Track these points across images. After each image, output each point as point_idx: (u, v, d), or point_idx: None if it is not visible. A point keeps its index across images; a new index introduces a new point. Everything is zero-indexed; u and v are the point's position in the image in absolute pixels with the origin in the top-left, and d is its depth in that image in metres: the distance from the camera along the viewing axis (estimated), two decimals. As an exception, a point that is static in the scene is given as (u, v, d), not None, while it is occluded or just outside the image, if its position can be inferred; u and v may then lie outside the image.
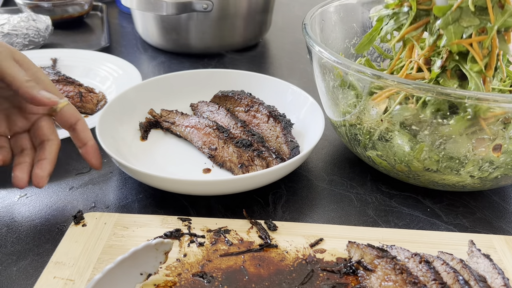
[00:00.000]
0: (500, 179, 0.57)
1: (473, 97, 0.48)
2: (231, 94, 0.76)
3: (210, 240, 0.52)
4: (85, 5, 1.22)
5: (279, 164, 0.60)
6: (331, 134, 0.76)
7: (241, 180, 0.56)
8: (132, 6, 0.97)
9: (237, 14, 1.01)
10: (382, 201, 0.62)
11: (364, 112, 0.59)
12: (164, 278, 0.47)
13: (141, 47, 1.11)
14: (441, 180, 0.58)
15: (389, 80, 0.52)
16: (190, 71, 0.81)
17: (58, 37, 1.14)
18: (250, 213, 0.58)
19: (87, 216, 0.55)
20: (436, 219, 0.59)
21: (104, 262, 0.49)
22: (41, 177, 0.54)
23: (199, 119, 0.70)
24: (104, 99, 0.81)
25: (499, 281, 0.43)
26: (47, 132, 0.56)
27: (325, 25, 0.73)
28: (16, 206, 0.60)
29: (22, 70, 0.53)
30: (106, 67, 0.91)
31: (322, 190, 0.64)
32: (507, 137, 0.53)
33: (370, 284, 0.46)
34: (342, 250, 0.52)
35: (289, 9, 1.43)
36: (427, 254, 0.48)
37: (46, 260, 0.50)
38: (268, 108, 0.71)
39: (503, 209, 0.61)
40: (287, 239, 0.53)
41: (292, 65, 1.04)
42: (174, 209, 0.59)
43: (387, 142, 0.58)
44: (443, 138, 0.54)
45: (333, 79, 0.62)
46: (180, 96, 0.80)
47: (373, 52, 0.78)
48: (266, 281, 0.47)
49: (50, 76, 0.82)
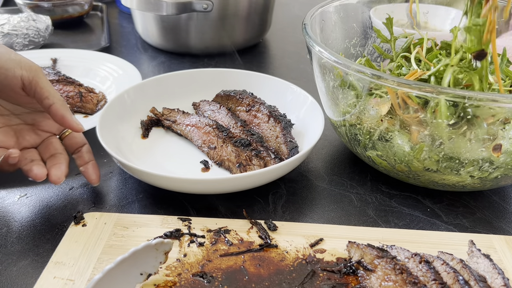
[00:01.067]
0: (500, 179, 0.57)
1: (473, 97, 0.48)
2: (233, 94, 0.76)
3: (210, 240, 0.52)
4: (85, 5, 1.22)
5: (277, 163, 0.60)
6: (331, 134, 0.76)
7: (239, 179, 0.56)
8: (132, 6, 0.97)
9: (237, 14, 1.01)
10: (382, 201, 0.62)
11: (364, 112, 0.59)
12: (164, 278, 0.47)
13: (141, 47, 1.11)
14: (441, 180, 0.58)
15: (389, 80, 0.52)
16: (190, 71, 0.81)
17: (58, 37, 1.14)
18: (250, 213, 0.58)
19: (87, 216, 0.55)
20: (436, 219, 0.59)
21: (104, 262, 0.49)
22: (58, 176, 0.56)
23: (200, 118, 0.71)
24: (104, 99, 0.81)
25: (499, 281, 0.43)
26: (58, 147, 0.60)
27: (325, 25, 0.73)
28: (16, 206, 0.60)
29: (56, 90, 0.57)
30: (106, 67, 0.91)
31: (322, 190, 0.64)
32: (507, 137, 0.53)
33: (370, 284, 0.46)
34: (342, 250, 0.52)
35: (289, 9, 1.43)
36: (427, 254, 0.48)
37: (46, 260, 0.50)
38: (269, 108, 0.71)
39: (503, 209, 0.61)
40: (287, 239, 0.53)
41: (292, 65, 1.04)
42: (174, 209, 0.59)
43: (387, 142, 0.58)
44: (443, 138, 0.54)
45: (333, 79, 0.62)
46: (181, 95, 0.80)
47: (373, 52, 0.78)
48: (266, 281, 0.47)
49: (50, 76, 0.82)
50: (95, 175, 0.60)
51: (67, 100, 0.78)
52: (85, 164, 0.60)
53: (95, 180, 0.60)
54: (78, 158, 0.61)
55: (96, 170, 0.60)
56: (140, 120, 0.74)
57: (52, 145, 0.60)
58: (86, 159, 0.60)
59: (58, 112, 0.56)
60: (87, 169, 0.60)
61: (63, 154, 0.59)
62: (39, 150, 0.60)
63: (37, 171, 0.55)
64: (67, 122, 0.56)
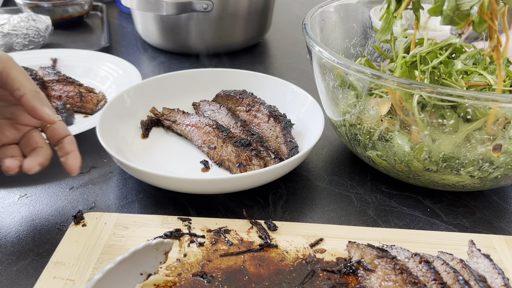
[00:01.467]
0: (500, 179, 0.57)
1: (472, 97, 0.48)
2: (232, 94, 0.76)
3: (210, 240, 0.52)
4: (85, 5, 1.22)
5: (277, 163, 0.60)
6: (331, 134, 0.76)
7: (239, 179, 0.56)
8: (132, 6, 0.97)
9: (237, 14, 1.01)
10: (382, 201, 0.62)
11: (364, 112, 0.59)
12: (164, 278, 0.47)
13: (141, 47, 1.11)
14: (441, 180, 0.58)
15: (389, 80, 0.52)
16: (190, 71, 0.81)
17: (58, 37, 1.14)
18: (250, 213, 0.58)
19: (87, 216, 0.55)
20: (436, 219, 0.59)
21: (104, 262, 0.49)
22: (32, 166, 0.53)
23: (200, 118, 0.71)
24: (104, 99, 0.81)
25: (499, 281, 0.43)
26: (40, 141, 0.56)
27: (325, 25, 0.73)
28: (16, 206, 0.60)
29: (30, 79, 0.54)
30: (106, 67, 0.91)
31: (322, 190, 0.64)
32: (507, 137, 0.53)
33: (370, 284, 0.46)
34: (342, 250, 0.52)
35: (289, 9, 1.43)
36: (427, 254, 0.48)
37: (46, 260, 0.50)
38: (269, 108, 0.71)
39: (503, 209, 0.61)
40: (287, 239, 0.53)
41: (292, 65, 1.04)
42: (174, 209, 0.59)
43: (387, 142, 0.58)
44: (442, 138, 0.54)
45: (333, 79, 0.62)
46: (181, 95, 0.80)
47: (373, 52, 0.78)
48: (266, 281, 0.47)
49: (50, 76, 0.82)
50: (75, 165, 0.55)
51: (67, 100, 0.78)
52: (66, 155, 0.56)
53: (74, 170, 0.55)
54: (60, 150, 0.56)
55: (76, 160, 0.56)
56: (140, 120, 0.74)
57: (33, 139, 0.56)
58: (67, 150, 0.56)
59: (28, 103, 0.52)
60: (67, 159, 0.55)
61: (45, 147, 0.56)
62: (21, 145, 0.57)
63: (9, 164, 0.53)
64: (38, 113, 0.52)
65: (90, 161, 0.68)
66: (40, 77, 0.82)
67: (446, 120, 0.53)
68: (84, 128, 0.70)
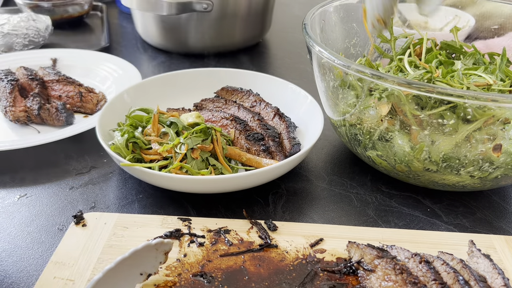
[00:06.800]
0: (500, 179, 0.57)
1: (472, 97, 0.48)
2: (239, 90, 0.77)
3: (210, 240, 0.52)
4: (85, 5, 1.22)
5: (281, 160, 0.60)
6: (331, 134, 0.76)
7: (239, 178, 0.56)
8: (132, 6, 0.97)
9: (237, 14, 1.01)
10: (382, 201, 0.62)
11: (364, 112, 0.59)
12: (164, 278, 0.47)
13: (141, 47, 1.11)
14: (441, 180, 0.58)
15: (389, 80, 0.52)
16: (190, 70, 0.81)
17: (58, 37, 1.14)
18: (250, 213, 0.58)
19: (87, 216, 0.55)
20: (436, 219, 0.59)
21: (104, 262, 0.49)
22: None
23: (212, 112, 0.71)
24: (104, 99, 0.81)
25: (499, 281, 0.43)
26: None
27: (325, 25, 0.73)
28: (16, 206, 0.60)
29: None
30: (106, 67, 0.91)
31: (322, 190, 0.64)
32: (507, 137, 0.52)
33: (370, 284, 0.46)
34: (342, 250, 0.52)
35: (289, 9, 1.43)
36: (427, 254, 0.48)
37: (46, 260, 0.50)
38: (273, 109, 0.72)
39: (503, 209, 0.61)
40: (287, 239, 0.53)
41: (292, 65, 1.04)
42: (174, 209, 0.59)
43: (387, 142, 0.58)
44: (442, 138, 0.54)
45: (333, 79, 0.62)
46: (181, 95, 0.80)
47: (373, 52, 0.78)
48: (266, 281, 0.47)
49: (50, 76, 0.82)
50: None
51: (67, 100, 0.78)
52: None
53: None
54: None
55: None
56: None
57: None
58: None
59: None
60: None
61: None
62: None
63: None
64: None
65: (90, 161, 0.68)
66: (40, 77, 0.82)
67: (446, 120, 0.52)
68: (84, 128, 0.70)
